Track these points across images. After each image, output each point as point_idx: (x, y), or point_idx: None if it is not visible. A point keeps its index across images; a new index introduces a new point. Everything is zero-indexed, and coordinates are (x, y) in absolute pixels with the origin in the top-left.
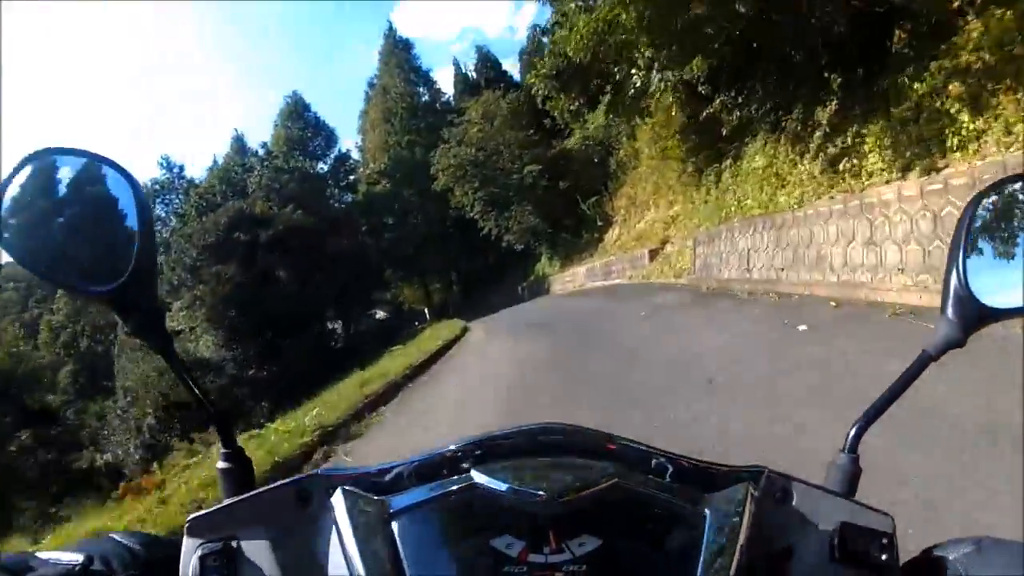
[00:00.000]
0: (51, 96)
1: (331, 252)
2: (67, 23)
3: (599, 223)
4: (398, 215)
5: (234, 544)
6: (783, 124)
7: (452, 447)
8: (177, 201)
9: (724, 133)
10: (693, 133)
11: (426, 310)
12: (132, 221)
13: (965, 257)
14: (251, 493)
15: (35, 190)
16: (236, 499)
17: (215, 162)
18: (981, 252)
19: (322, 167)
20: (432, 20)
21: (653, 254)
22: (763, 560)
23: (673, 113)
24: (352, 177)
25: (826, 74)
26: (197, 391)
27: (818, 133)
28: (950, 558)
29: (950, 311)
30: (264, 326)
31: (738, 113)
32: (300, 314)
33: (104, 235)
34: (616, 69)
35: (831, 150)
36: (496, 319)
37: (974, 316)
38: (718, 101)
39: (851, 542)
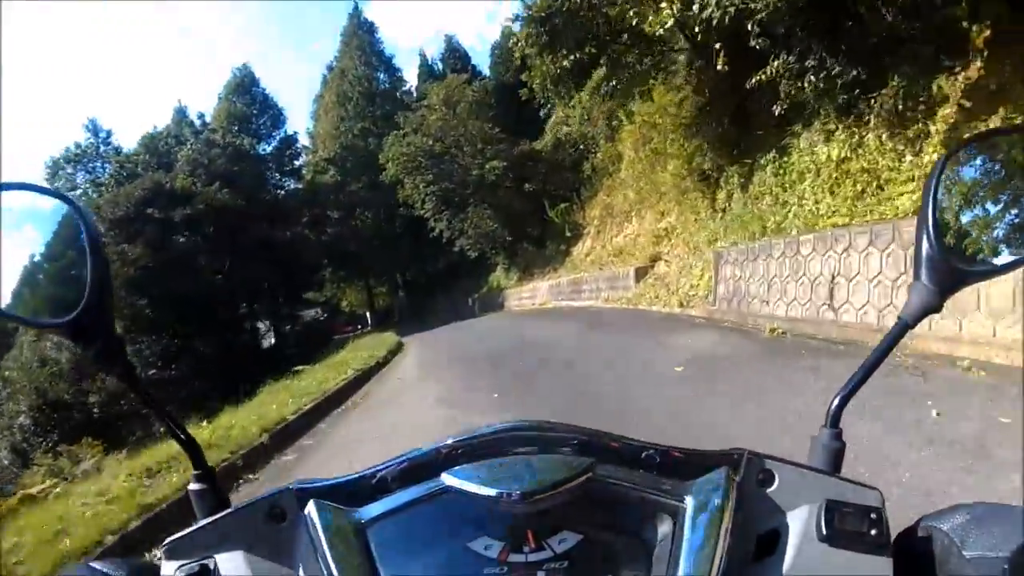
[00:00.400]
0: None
1: (261, 240)
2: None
3: (568, 234)
4: (344, 208)
5: (211, 564)
6: (871, 101)
7: (423, 451)
8: (101, 170)
9: (776, 113)
10: (716, 119)
11: (368, 314)
12: (84, 251)
13: (936, 220)
14: (224, 513)
15: None
16: (210, 520)
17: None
18: (952, 214)
19: (265, 148)
20: (405, 23)
21: (641, 273)
22: (749, 544)
23: (687, 90)
24: (298, 163)
25: (966, 24)
26: (165, 416)
27: (946, 111)
28: (943, 528)
29: (924, 276)
30: (173, 319)
31: (803, 83)
32: (218, 308)
33: (56, 267)
34: (632, 12)
35: (963, 134)
36: (439, 338)
37: (949, 279)
38: (778, 63)
39: (839, 519)
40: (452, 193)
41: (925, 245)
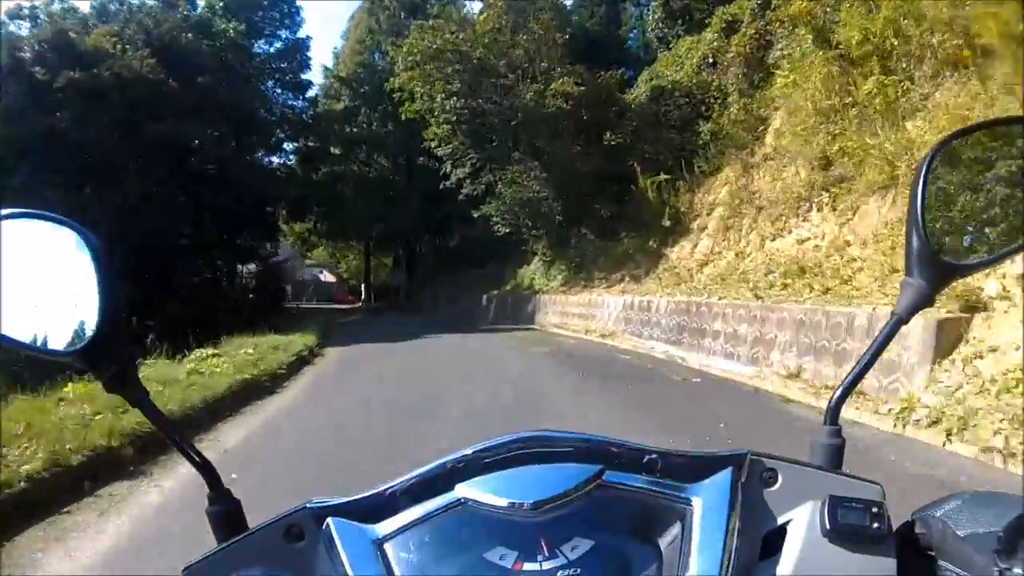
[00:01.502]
0: None
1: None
2: None
3: (666, 222)
4: (347, 142)
5: None
6: None
7: (436, 464)
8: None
9: None
10: None
11: (362, 287)
12: (93, 278)
13: (924, 215)
14: (242, 536)
15: None
16: (228, 543)
17: None
18: (940, 209)
19: (264, 48)
20: None
21: (946, 337)
22: (756, 543)
23: None
24: (304, 76)
25: None
26: (179, 438)
27: None
28: (937, 514)
29: (915, 272)
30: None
31: None
32: (137, 235)
33: (66, 295)
34: None
35: None
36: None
37: (939, 274)
38: None
39: (842, 515)
40: (487, 129)
41: (914, 241)
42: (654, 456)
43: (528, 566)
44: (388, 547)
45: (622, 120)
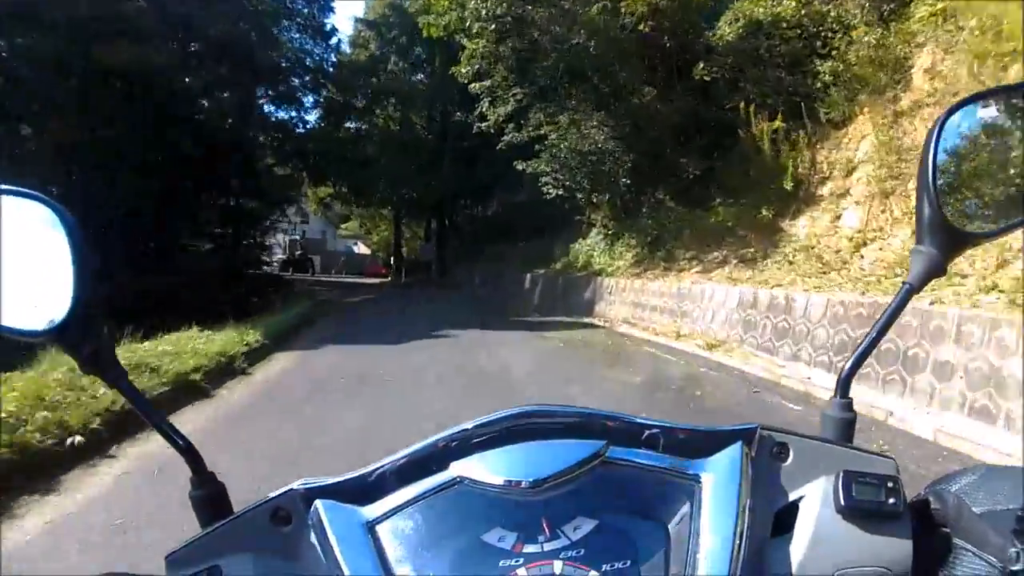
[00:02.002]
0: None
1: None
2: None
3: (788, 184)
4: (371, 94)
5: (218, 572)
6: None
7: (430, 442)
8: None
9: None
10: None
11: (391, 261)
12: (68, 255)
13: (935, 183)
14: (227, 520)
15: None
16: (213, 527)
17: None
18: (951, 176)
19: None
20: None
21: None
22: (768, 520)
23: None
24: (327, 19)
25: None
26: (160, 421)
27: None
28: (952, 489)
29: (926, 240)
30: None
31: None
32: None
33: (38, 273)
34: None
35: None
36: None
37: (951, 243)
38: None
39: (856, 490)
40: (537, 52)
41: (926, 209)
42: (659, 431)
43: (528, 547)
44: (380, 529)
45: (712, 55)
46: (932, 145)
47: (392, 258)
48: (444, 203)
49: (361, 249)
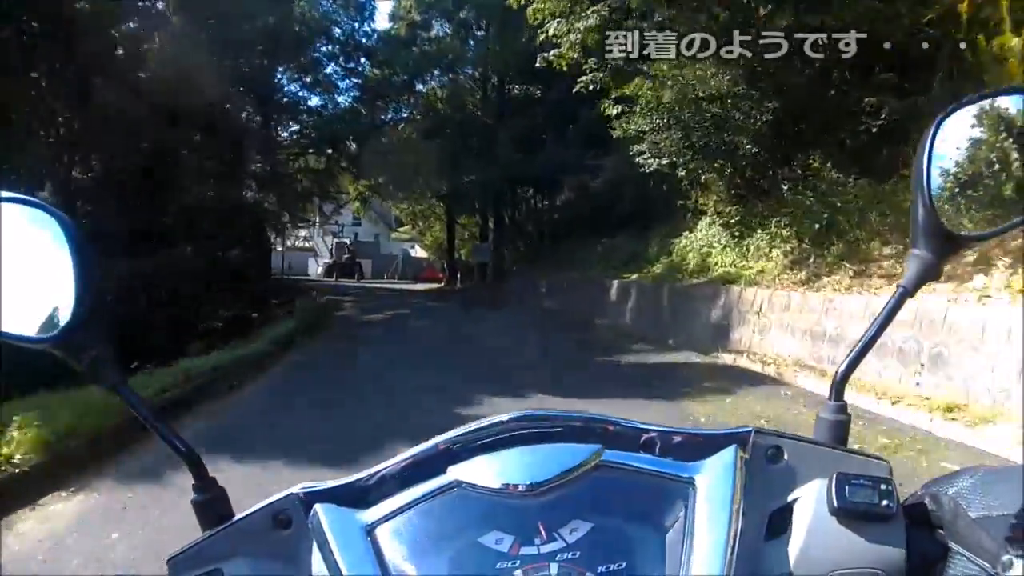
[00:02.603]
0: None
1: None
2: None
3: None
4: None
5: (219, 575)
6: None
7: (427, 447)
8: None
9: None
10: None
11: (444, 265)
12: (69, 261)
13: (929, 186)
14: (228, 523)
15: None
16: (214, 531)
17: None
18: (946, 179)
19: None
20: None
21: None
22: (762, 522)
23: None
24: None
25: None
26: (161, 427)
27: None
28: (948, 492)
29: (921, 243)
30: None
31: None
32: None
33: (40, 280)
34: None
35: None
36: None
37: (945, 246)
38: None
39: (849, 492)
40: None
41: (920, 212)
42: (654, 434)
43: (525, 550)
44: (378, 533)
45: None
46: (927, 148)
47: (444, 261)
48: (502, 194)
49: (418, 252)
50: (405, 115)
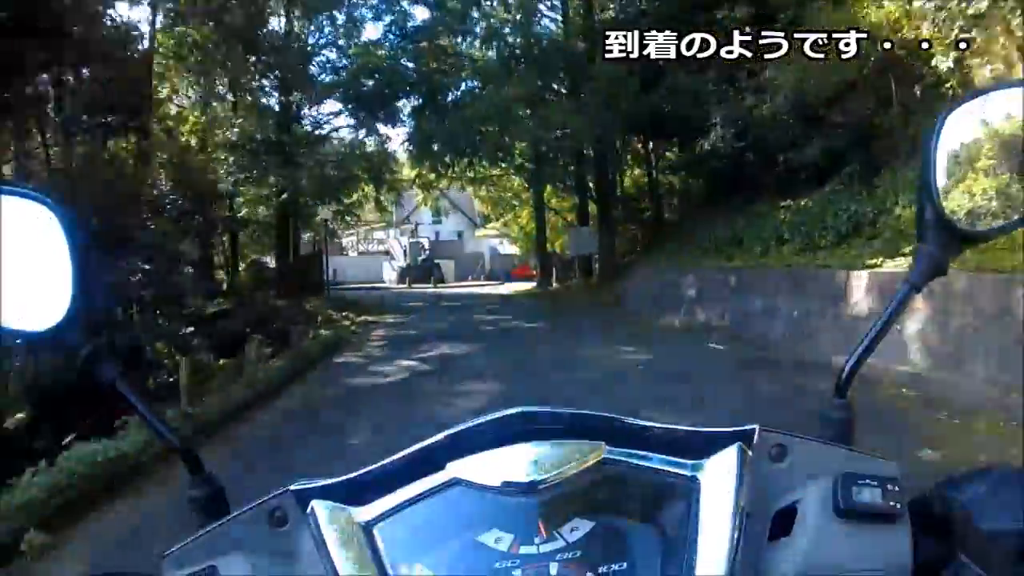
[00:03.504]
0: None
1: None
2: None
3: None
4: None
5: (214, 572)
6: None
7: (425, 443)
8: None
9: None
10: None
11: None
12: (65, 254)
13: (936, 181)
14: (223, 520)
15: None
16: (209, 528)
17: None
18: (953, 174)
19: None
20: None
21: None
22: (766, 522)
23: None
24: None
25: None
26: (158, 423)
27: None
28: (960, 498)
29: (928, 239)
30: None
31: None
32: None
33: (37, 273)
34: None
35: None
36: None
37: (952, 242)
38: None
39: (855, 492)
40: None
41: (927, 207)
42: (656, 432)
43: (525, 549)
44: (376, 530)
45: None
46: (933, 144)
47: (537, 255)
48: (606, 152)
49: (507, 249)
50: (464, 60)
